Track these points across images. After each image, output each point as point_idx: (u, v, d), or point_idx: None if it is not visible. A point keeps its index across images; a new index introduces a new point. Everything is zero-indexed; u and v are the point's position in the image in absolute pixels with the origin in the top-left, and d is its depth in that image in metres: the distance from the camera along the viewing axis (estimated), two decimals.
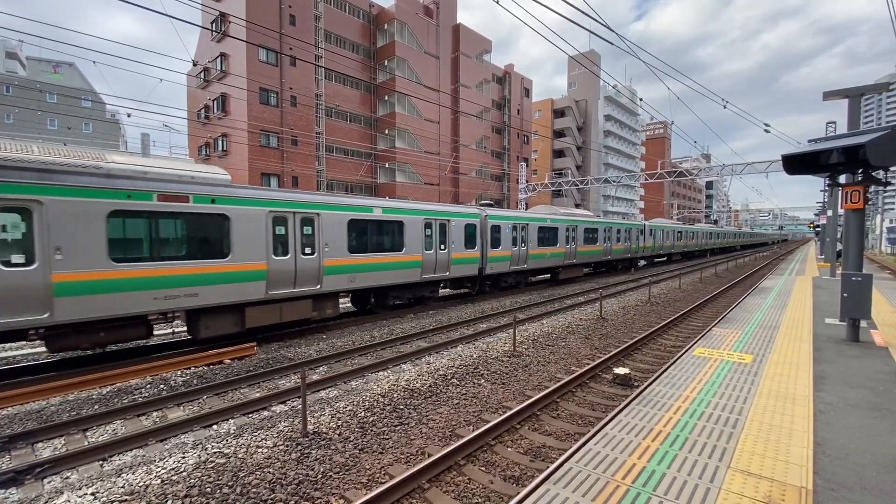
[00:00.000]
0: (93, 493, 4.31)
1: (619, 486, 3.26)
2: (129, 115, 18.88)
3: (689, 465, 3.58)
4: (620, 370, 7.76)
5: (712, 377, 5.75)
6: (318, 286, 10.89)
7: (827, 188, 25.89)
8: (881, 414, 4.54)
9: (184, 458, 5.01)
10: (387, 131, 39.48)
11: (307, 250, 10.65)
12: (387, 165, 39.54)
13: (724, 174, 29.70)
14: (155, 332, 10.93)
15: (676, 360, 6.98)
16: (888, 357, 6.57)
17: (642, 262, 32.91)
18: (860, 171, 7.38)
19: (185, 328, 10.76)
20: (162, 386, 7.47)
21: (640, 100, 19.91)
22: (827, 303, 11.56)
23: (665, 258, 39.53)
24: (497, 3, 8.74)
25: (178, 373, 8.10)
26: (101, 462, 5.11)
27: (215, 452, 5.11)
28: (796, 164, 7.67)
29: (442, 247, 14.54)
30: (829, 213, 21.60)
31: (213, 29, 32.68)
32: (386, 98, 39.61)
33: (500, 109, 51.79)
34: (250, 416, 6.37)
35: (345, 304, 15.56)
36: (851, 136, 7.71)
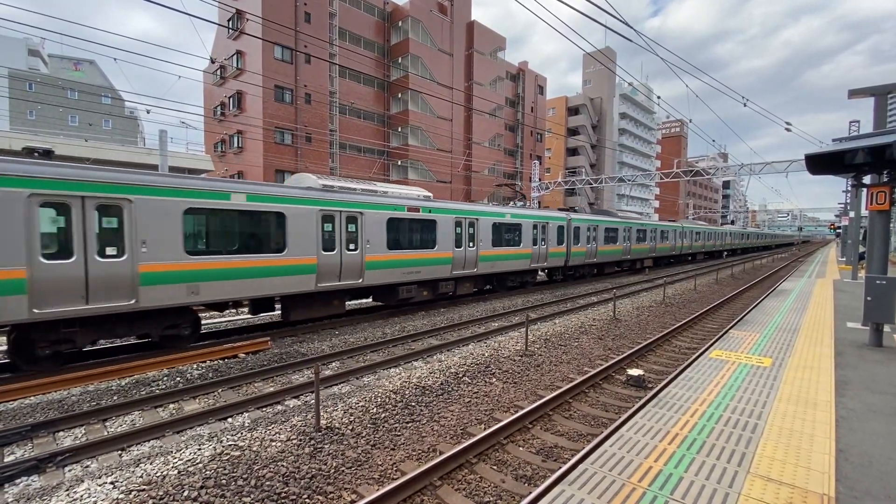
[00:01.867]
0: (112, 482, 4.40)
1: (635, 489, 3.22)
2: (147, 112, 19.20)
3: (707, 469, 3.52)
4: (634, 371, 7.67)
5: (730, 380, 5.65)
6: (475, 269, 15.29)
7: (850, 189, 25.25)
8: None
9: (200, 449, 5.09)
10: (400, 129, 39.56)
11: (470, 244, 15.06)
12: (399, 163, 39.63)
13: (741, 174, 29.12)
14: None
15: (693, 363, 6.87)
16: None
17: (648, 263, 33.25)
18: (887, 171, 7.18)
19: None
20: (178, 378, 7.59)
21: (658, 98, 19.60)
22: (848, 306, 11.28)
23: (690, 257, 41.22)
24: None
25: (195, 366, 8.23)
26: (119, 452, 5.22)
27: (230, 445, 5.18)
28: (820, 163, 7.47)
29: (543, 243, 18.66)
30: (852, 214, 21.06)
31: (230, 26, 33.05)
32: (399, 95, 39.66)
33: (513, 107, 51.50)
34: (264, 409, 6.44)
35: (356, 302, 15.63)
36: (878, 135, 7.49)
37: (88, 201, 7.33)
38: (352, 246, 11.34)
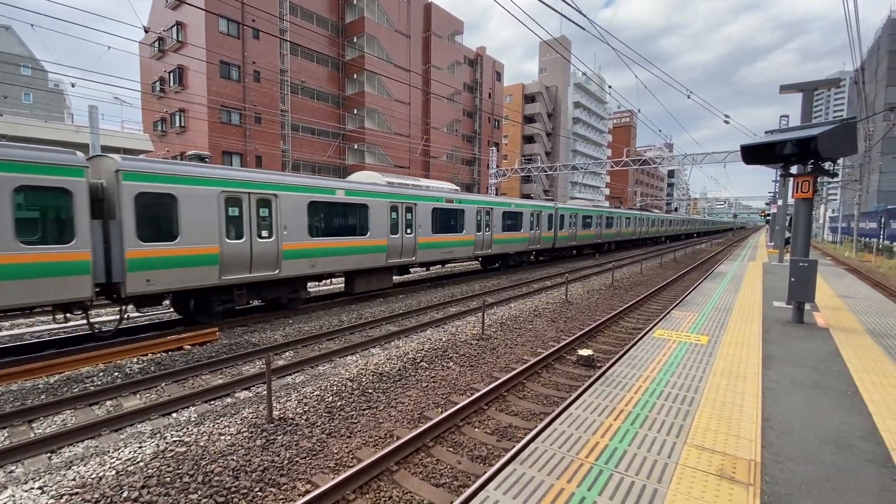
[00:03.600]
0: (40, 487, 4.07)
1: (582, 464, 3.36)
2: (73, 85, 17.49)
3: (648, 441, 3.72)
4: (584, 352, 7.99)
5: (671, 357, 6.00)
6: (490, 249, 18.44)
7: (779, 178, 27.25)
8: (822, 390, 4.87)
9: (140, 447, 4.81)
10: (355, 111, 38.49)
11: (487, 229, 18.08)
12: (355, 146, 38.67)
13: (685, 163, 30.73)
14: (103, 319, 10.43)
15: (638, 342, 7.23)
16: (829, 338, 7.04)
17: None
18: (811, 162, 7.77)
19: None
20: (116, 374, 7.11)
21: (609, 87, 20.15)
22: (775, 287, 12.26)
23: (650, 241, 45.51)
24: None
25: (134, 360, 7.74)
26: (49, 454, 4.84)
27: (175, 441, 4.93)
28: (754, 154, 7.98)
29: (538, 228, 21.75)
30: (780, 202, 22.80)
31: None
32: (355, 76, 38.49)
33: (471, 92, 51.38)
34: (212, 403, 6.18)
35: (314, 287, 15.24)
36: (804, 128, 8.08)
37: (253, 196, 9.72)
38: (408, 230, 13.91)
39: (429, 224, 14.75)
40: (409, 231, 13.98)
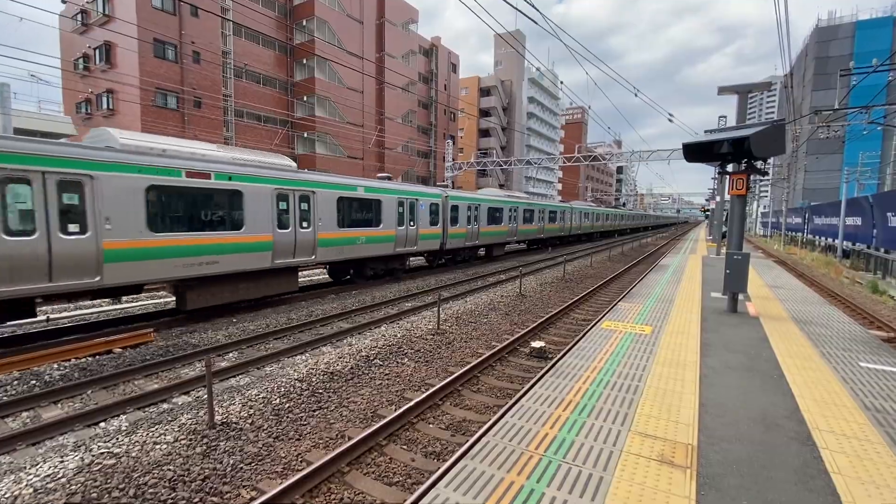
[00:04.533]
0: None
1: (532, 456, 3.45)
2: None
3: (595, 431, 3.89)
4: (537, 344, 8.22)
5: (617, 348, 6.29)
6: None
7: (718, 176, 29.18)
8: (752, 374, 5.29)
9: (62, 462, 4.44)
10: (305, 98, 37.20)
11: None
12: (305, 135, 37.42)
13: (633, 160, 32.23)
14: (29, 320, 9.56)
15: (586, 334, 7.53)
16: (759, 325, 7.65)
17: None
18: (745, 161, 8.36)
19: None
20: (34, 382, 6.51)
21: (561, 83, 20.69)
22: (713, 279, 13.15)
23: (598, 235, 48.32)
24: None
25: (55, 366, 7.11)
26: None
27: (103, 453, 4.59)
28: (694, 152, 8.48)
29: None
30: (718, 198, 24.46)
31: None
32: (304, 62, 37.15)
33: (426, 83, 51.08)
34: (147, 410, 5.80)
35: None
36: (739, 128, 8.68)
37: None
38: (412, 223, 16.06)
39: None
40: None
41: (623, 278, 18.14)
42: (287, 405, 5.86)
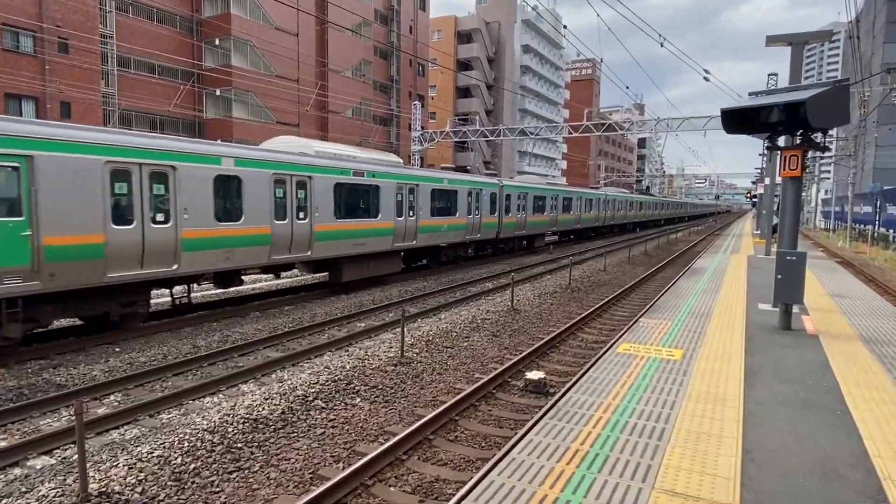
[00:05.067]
0: None
1: None
2: None
3: (608, 490, 3.96)
4: (534, 374, 8.32)
5: (638, 379, 6.43)
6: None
7: (765, 152, 30.19)
8: (809, 411, 5.50)
9: None
10: (218, 41, 36.54)
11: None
12: (218, 93, 36.71)
13: (658, 130, 33.07)
14: None
15: (598, 360, 7.67)
16: (818, 346, 7.97)
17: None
18: (800, 132, 8.67)
19: None
20: None
21: (565, 27, 21.04)
22: (760, 285, 13.63)
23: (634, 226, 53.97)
24: None
25: None
26: None
27: None
28: (736, 120, 8.76)
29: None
30: (767, 181, 25.35)
31: None
32: None
33: (386, 24, 50.96)
34: None
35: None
36: (793, 90, 9.02)
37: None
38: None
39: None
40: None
41: (646, 286, 18.58)
42: (192, 466, 5.75)
